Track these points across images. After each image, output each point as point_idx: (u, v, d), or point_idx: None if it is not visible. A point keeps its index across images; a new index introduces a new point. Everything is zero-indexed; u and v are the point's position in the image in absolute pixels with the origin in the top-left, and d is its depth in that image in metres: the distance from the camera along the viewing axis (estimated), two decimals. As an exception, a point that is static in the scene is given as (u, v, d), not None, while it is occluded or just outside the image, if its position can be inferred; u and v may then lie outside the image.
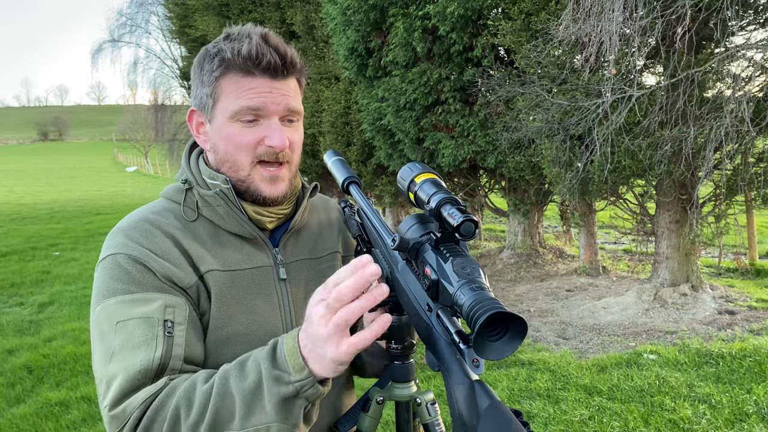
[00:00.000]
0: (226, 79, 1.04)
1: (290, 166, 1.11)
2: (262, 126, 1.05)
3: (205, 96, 1.07)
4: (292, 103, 1.06)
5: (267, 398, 0.85)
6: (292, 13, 10.81)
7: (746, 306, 5.50)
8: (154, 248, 1.02)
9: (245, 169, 1.07)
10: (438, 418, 1.11)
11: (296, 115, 1.09)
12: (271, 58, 1.02)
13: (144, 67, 35.53)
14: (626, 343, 4.86)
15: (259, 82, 1.03)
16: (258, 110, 1.03)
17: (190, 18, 14.92)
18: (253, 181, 1.08)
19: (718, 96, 4.79)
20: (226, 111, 1.04)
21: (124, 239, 1.02)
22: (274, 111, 1.04)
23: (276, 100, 1.04)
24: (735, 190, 5.02)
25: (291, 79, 1.07)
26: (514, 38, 5.61)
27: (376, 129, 7.76)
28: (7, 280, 8.28)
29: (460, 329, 0.78)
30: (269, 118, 1.05)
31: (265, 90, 1.03)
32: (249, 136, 1.04)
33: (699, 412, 3.60)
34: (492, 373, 4.41)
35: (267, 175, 1.07)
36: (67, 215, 16.46)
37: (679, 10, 4.29)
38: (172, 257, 1.02)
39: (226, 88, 1.04)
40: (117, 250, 1.01)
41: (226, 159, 1.08)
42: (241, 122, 1.04)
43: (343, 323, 0.80)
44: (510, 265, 7.83)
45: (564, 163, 5.46)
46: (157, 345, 0.94)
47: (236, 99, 1.03)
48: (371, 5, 6.69)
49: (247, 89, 1.02)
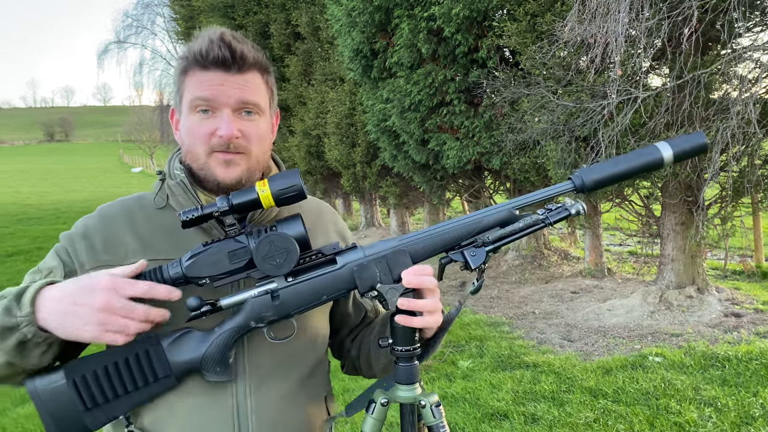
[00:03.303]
0: (188, 75, 1.11)
1: (248, 157, 1.13)
2: (216, 117, 1.10)
3: (175, 93, 1.16)
4: (246, 95, 1.11)
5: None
6: (297, 14, 10.83)
7: (752, 309, 5.47)
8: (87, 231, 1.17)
9: (202, 158, 1.12)
10: (443, 421, 1.11)
11: (254, 108, 1.13)
12: (219, 53, 1.08)
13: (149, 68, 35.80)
14: (631, 346, 4.84)
15: (212, 75, 1.09)
16: (208, 101, 1.09)
17: (195, 19, 14.97)
18: (209, 168, 1.12)
19: (725, 98, 4.77)
20: (186, 103, 1.12)
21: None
22: (225, 103, 1.10)
23: (227, 93, 1.09)
24: (741, 192, 5.00)
25: (249, 74, 1.12)
26: (519, 39, 5.59)
27: (380, 130, 7.76)
28: (13, 281, 8.31)
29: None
30: (221, 110, 1.10)
31: (217, 83, 1.09)
32: (204, 127, 1.10)
33: (705, 416, 3.58)
34: (496, 375, 4.40)
35: (222, 159, 1.11)
36: (73, 216, 16.50)
37: (686, 11, 4.27)
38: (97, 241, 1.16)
39: (188, 84, 1.11)
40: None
41: (188, 150, 1.15)
42: (198, 114, 1.10)
43: (114, 328, 0.97)
44: (515, 267, 7.82)
45: (569, 165, 5.44)
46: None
47: (192, 91, 1.10)
48: (376, 7, 6.70)
49: (201, 82, 1.09)
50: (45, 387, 1.01)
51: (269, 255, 1.03)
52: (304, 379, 1.21)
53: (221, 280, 1.05)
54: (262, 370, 1.15)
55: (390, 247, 1.09)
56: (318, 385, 1.26)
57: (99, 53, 28.82)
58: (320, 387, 1.27)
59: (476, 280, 1.11)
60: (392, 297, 1.06)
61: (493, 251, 1.09)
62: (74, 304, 0.96)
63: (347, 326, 1.35)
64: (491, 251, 1.09)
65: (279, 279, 1.07)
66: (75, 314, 0.96)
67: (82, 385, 1.01)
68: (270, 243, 1.03)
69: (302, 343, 1.20)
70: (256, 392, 1.14)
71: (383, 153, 8.23)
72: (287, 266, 1.03)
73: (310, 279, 1.07)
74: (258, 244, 1.02)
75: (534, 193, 1.11)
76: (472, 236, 1.10)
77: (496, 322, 5.80)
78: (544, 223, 1.09)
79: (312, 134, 10.99)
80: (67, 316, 0.96)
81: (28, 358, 0.99)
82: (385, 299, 1.06)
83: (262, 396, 1.14)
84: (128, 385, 1.03)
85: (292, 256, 1.03)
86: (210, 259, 1.03)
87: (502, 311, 6.18)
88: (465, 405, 3.92)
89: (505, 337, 5.27)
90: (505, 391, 4.08)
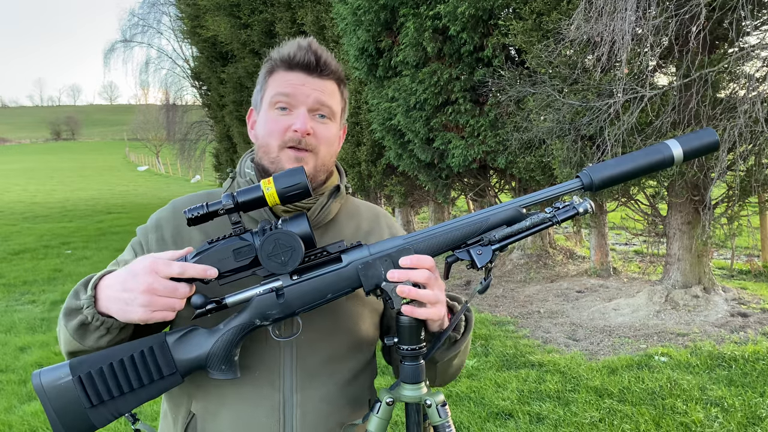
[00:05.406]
0: (273, 75, 1.21)
1: (315, 156, 1.19)
2: (292, 115, 1.17)
3: (257, 93, 1.25)
4: (322, 97, 1.19)
5: (66, 302, 1.11)
6: (302, 13, 10.82)
7: (759, 308, 5.44)
8: (158, 225, 1.26)
9: (275, 151, 1.18)
10: (448, 420, 1.11)
11: (327, 111, 1.20)
12: (305, 57, 1.18)
13: (156, 67, 35.75)
14: (637, 345, 4.82)
15: (295, 76, 1.18)
16: (288, 96, 1.17)
17: (201, 18, 14.99)
18: (280, 161, 1.18)
19: (732, 96, 4.75)
20: (267, 99, 1.20)
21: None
22: (303, 101, 1.18)
23: (306, 92, 1.18)
24: (748, 191, 4.97)
25: (328, 81, 1.21)
26: (525, 38, 5.57)
27: (386, 129, 7.75)
28: (20, 278, 8.35)
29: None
30: (298, 108, 1.17)
31: (299, 82, 1.18)
32: (281, 123, 1.17)
33: (711, 416, 3.56)
34: (501, 374, 4.39)
35: (293, 155, 1.17)
36: (79, 214, 16.60)
37: (693, 9, 4.25)
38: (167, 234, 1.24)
39: (271, 83, 1.21)
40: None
41: (262, 143, 1.21)
42: (277, 110, 1.18)
43: (160, 307, 1.00)
44: (520, 266, 7.80)
45: (575, 164, 5.42)
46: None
47: (275, 88, 1.19)
48: (382, 5, 6.69)
49: (284, 80, 1.19)
50: (51, 384, 1.01)
51: (274, 253, 1.03)
52: (348, 381, 1.23)
53: (226, 278, 1.05)
54: (308, 368, 1.18)
55: (395, 246, 1.09)
56: (362, 389, 1.28)
57: (105, 52, 28.86)
58: (364, 391, 1.28)
59: (483, 279, 1.11)
60: (397, 296, 1.05)
61: (500, 250, 1.09)
62: (123, 290, 1.01)
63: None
64: (498, 250, 1.08)
65: (284, 277, 1.07)
66: (124, 299, 1.01)
67: (88, 381, 1.02)
68: (275, 241, 1.03)
69: (347, 345, 1.23)
70: (301, 390, 1.18)
71: (388, 152, 8.22)
72: (292, 264, 1.03)
73: (315, 277, 1.07)
74: (263, 241, 1.02)
75: (541, 191, 1.10)
76: (479, 234, 1.09)
77: (501, 321, 5.79)
78: (552, 221, 1.08)
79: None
80: (119, 301, 1.02)
81: (86, 339, 1.07)
82: (390, 298, 1.06)
83: (307, 394, 1.18)
84: (133, 382, 1.04)
85: (297, 254, 1.03)
86: (215, 257, 1.04)
87: (507, 310, 6.17)
88: (470, 404, 3.92)
89: (511, 336, 5.26)
90: (510, 391, 4.07)
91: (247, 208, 1.06)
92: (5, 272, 8.82)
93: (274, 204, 1.06)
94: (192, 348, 1.07)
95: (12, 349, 5.42)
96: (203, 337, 1.08)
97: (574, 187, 1.10)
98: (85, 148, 76.60)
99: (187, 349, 1.07)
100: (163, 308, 1.01)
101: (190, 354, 1.07)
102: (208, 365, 1.07)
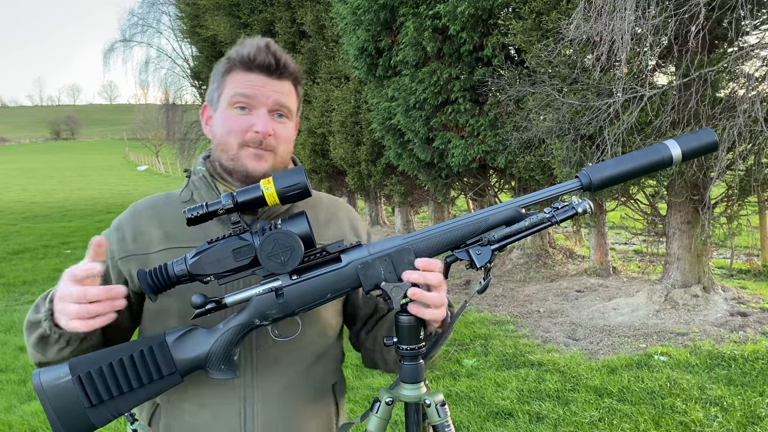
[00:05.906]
0: (231, 75, 1.22)
1: (275, 155, 1.22)
2: (252, 115, 1.19)
3: (214, 90, 1.26)
4: (281, 98, 1.22)
5: (28, 316, 1.13)
6: (302, 12, 10.82)
7: (759, 308, 5.44)
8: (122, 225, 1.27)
9: (234, 149, 1.20)
10: (447, 420, 1.11)
11: (286, 111, 1.23)
12: (266, 59, 1.20)
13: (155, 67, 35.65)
14: (637, 345, 4.83)
15: (255, 77, 1.20)
16: (249, 98, 1.19)
17: (201, 18, 14.98)
18: (240, 159, 1.20)
19: (731, 96, 4.74)
20: (226, 98, 1.21)
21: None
22: (264, 102, 1.20)
23: (266, 94, 1.20)
24: (748, 190, 4.97)
25: (286, 82, 1.23)
26: (524, 37, 5.58)
27: (385, 128, 7.75)
28: (20, 278, 8.36)
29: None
30: (258, 108, 1.20)
31: (259, 84, 1.20)
32: (241, 122, 1.19)
33: (711, 415, 3.57)
34: (501, 373, 4.39)
35: (253, 152, 1.20)
36: (79, 213, 16.60)
37: (693, 9, 4.25)
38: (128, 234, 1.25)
39: (230, 82, 1.22)
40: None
41: (220, 141, 1.23)
42: (236, 109, 1.20)
43: (91, 314, 1.00)
44: (519, 266, 7.80)
45: (574, 163, 5.42)
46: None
47: (234, 88, 1.20)
48: (381, 5, 6.69)
49: (244, 81, 1.20)
50: (50, 383, 1.02)
51: (274, 253, 1.03)
52: (310, 365, 1.26)
53: (226, 278, 1.06)
54: (268, 355, 1.20)
55: (395, 246, 1.09)
56: (325, 373, 1.30)
57: (105, 51, 28.82)
58: (327, 374, 1.30)
59: (483, 278, 1.11)
60: (396, 295, 1.06)
61: (499, 250, 1.09)
62: (60, 301, 1.03)
63: (360, 318, 1.38)
64: (497, 250, 1.09)
65: (283, 277, 1.07)
66: (62, 311, 1.02)
67: (87, 381, 1.02)
68: (275, 241, 1.03)
69: (311, 333, 1.25)
70: (262, 376, 1.20)
71: (388, 151, 8.22)
72: (292, 264, 1.04)
73: (314, 277, 1.07)
74: (262, 241, 1.03)
75: (540, 191, 1.10)
76: (478, 234, 1.09)
77: (500, 320, 5.79)
78: (551, 221, 1.09)
79: (317, 132, 10.99)
80: (61, 314, 1.03)
81: (48, 352, 1.09)
82: (390, 297, 1.06)
83: (267, 380, 1.20)
84: (133, 381, 1.04)
85: (296, 254, 1.03)
86: (215, 257, 1.04)
87: (506, 310, 6.18)
88: (469, 403, 3.92)
89: (510, 336, 5.26)
90: (509, 390, 4.07)
91: (247, 208, 1.06)
92: (5, 272, 8.82)
93: (274, 204, 1.07)
94: (191, 348, 1.07)
95: (12, 349, 5.42)
96: (203, 336, 1.08)
97: (573, 188, 1.11)
98: (85, 148, 76.58)
99: (186, 348, 1.07)
100: (94, 315, 1.00)
101: (190, 354, 1.07)
102: (207, 365, 1.07)
